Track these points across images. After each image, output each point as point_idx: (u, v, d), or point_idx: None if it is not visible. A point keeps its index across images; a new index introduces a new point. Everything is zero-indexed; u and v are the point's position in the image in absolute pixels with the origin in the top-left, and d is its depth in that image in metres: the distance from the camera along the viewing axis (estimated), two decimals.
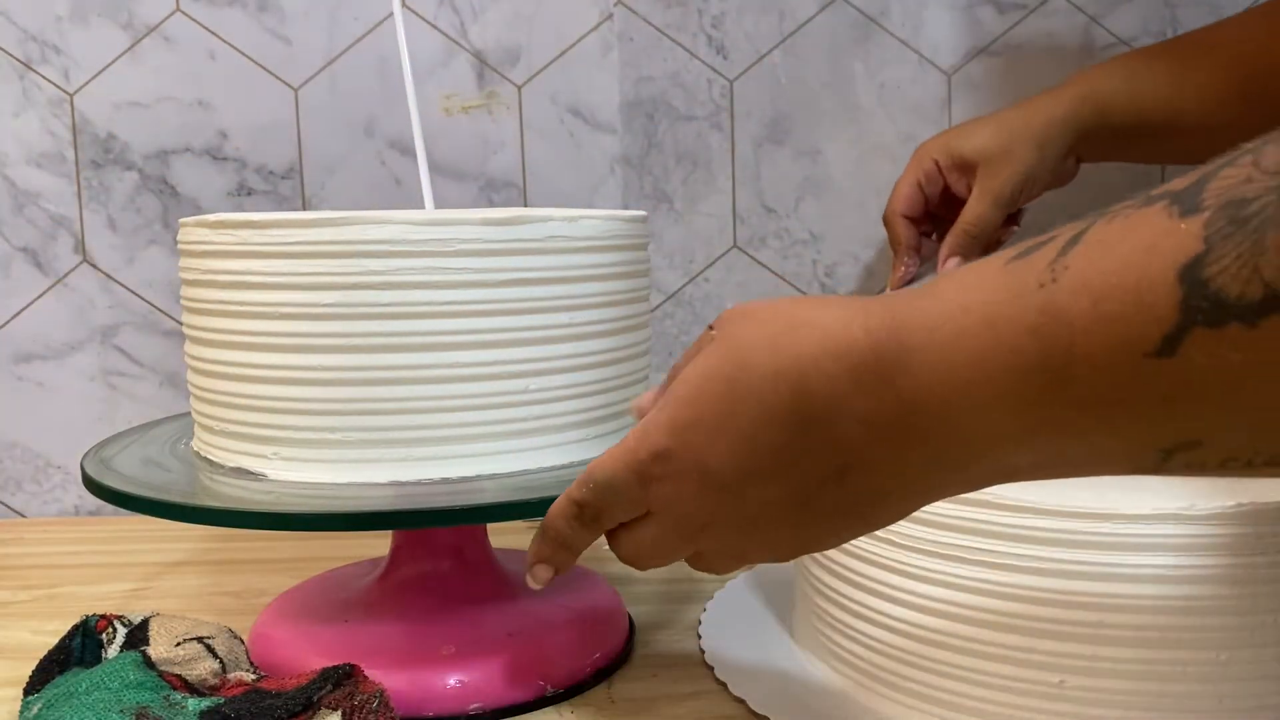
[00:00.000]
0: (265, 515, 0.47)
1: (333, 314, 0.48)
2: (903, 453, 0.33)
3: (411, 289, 0.47)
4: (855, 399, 0.33)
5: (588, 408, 0.52)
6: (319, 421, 0.49)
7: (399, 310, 0.48)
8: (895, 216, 0.68)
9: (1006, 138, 0.65)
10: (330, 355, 0.48)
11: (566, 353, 0.51)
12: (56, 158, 0.84)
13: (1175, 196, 0.27)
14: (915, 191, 0.67)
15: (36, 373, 0.86)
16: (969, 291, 0.31)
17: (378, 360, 0.48)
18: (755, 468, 0.35)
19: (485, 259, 0.48)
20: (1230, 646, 0.42)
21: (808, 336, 0.34)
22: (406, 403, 0.48)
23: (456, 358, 0.48)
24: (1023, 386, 0.29)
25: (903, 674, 0.47)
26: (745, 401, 0.35)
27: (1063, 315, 0.28)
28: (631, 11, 0.86)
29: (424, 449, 0.49)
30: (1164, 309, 0.26)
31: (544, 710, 0.51)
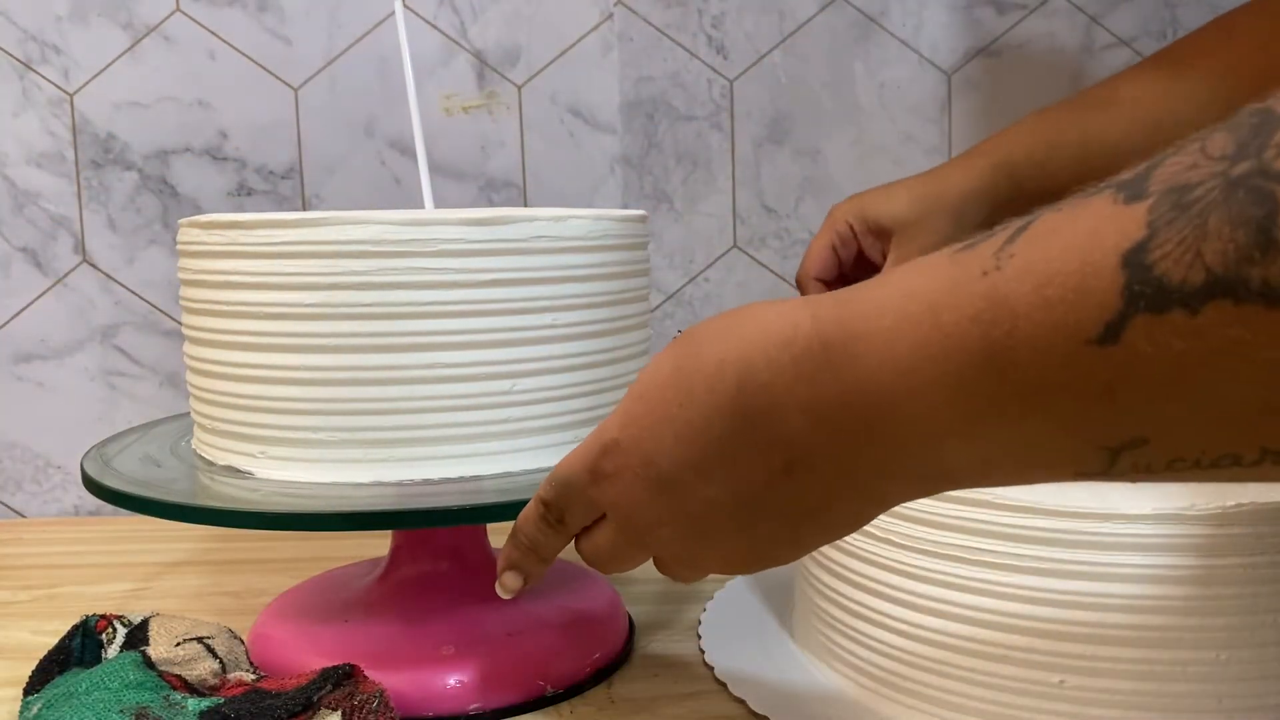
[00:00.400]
0: (264, 515, 0.47)
1: (317, 314, 0.48)
2: (846, 446, 0.33)
3: (394, 289, 0.47)
4: (798, 386, 0.33)
5: (579, 409, 0.52)
6: (305, 421, 0.49)
7: (382, 310, 0.48)
8: (807, 279, 0.67)
9: (922, 207, 0.64)
10: (316, 355, 0.48)
11: (553, 353, 0.51)
12: (56, 158, 0.84)
13: (1121, 184, 0.27)
14: (829, 254, 0.66)
15: (36, 373, 0.86)
16: (915, 279, 0.31)
17: (363, 360, 0.48)
18: (700, 461, 0.35)
19: (467, 259, 0.48)
20: (1230, 646, 0.42)
21: (755, 325, 0.34)
22: (392, 403, 0.48)
23: (441, 358, 0.48)
24: (964, 371, 0.29)
25: (903, 674, 0.47)
26: (692, 392, 0.35)
27: (1005, 301, 0.28)
28: (631, 11, 0.86)
29: (410, 449, 0.49)
30: (1106, 295, 0.26)
31: (544, 710, 0.51)
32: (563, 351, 0.51)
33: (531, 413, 0.51)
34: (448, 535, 0.56)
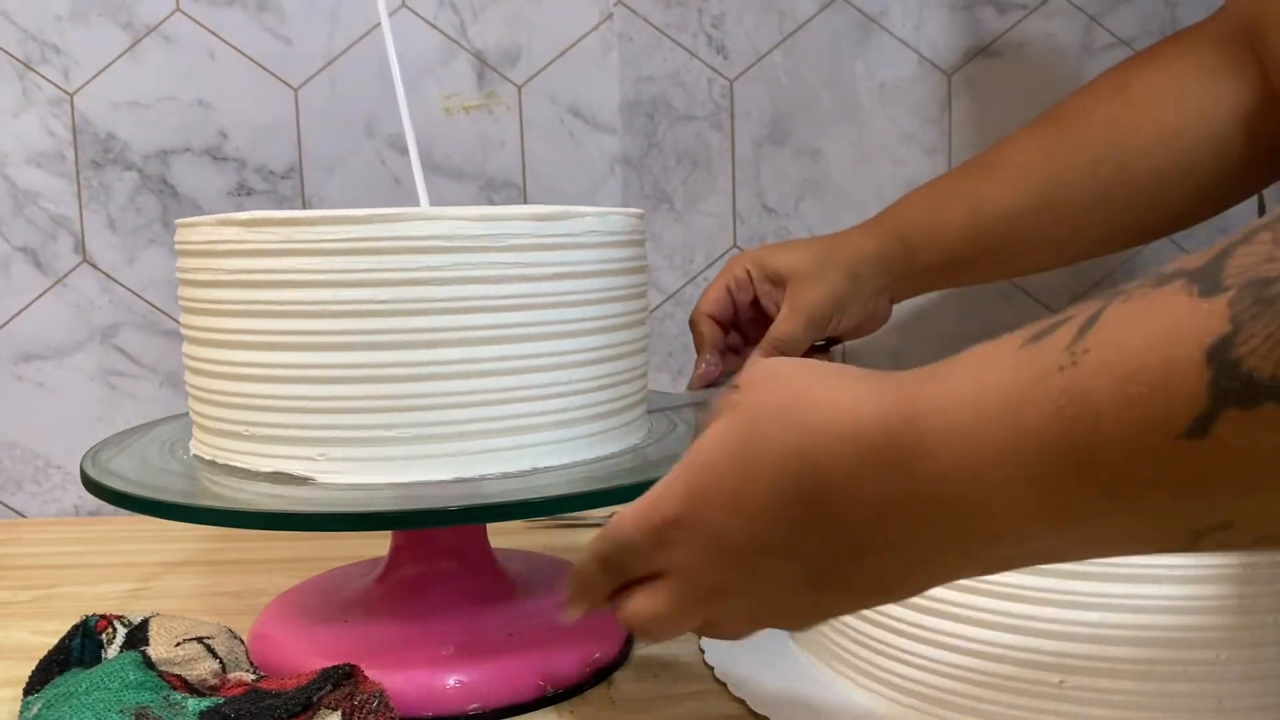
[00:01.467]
0: (265, 515, 0.47)
1: (339, 312, 0.48)
2: (920, 536, 0.33)
3: (451, 285, 0.48)
4: (866, 484, 0.32)
5: (595, 402, 0.53)
6: (367, 420, 0.48)
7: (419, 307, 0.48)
8: (701, 316, 0.67)
9: (818, 260, 0.65)
10: (356, 353, 0.48)
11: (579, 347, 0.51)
12: (56, 158, 0.84)
13: (1192, 275, 0.27)
14: (725, 295, 0.67)
15: (36, 373, 0.86)
16: (984, 373, 0.31)
17: (406, 357, 0.48)
18: (768, 543, 0.35)
19: (529, 254, 0.49)
20: (1230, 646, 0.42)
21: (819, 412, 0.34)
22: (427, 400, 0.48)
23: (466, 354, 0.48)
24: (1047, 471, 0.29)
25: (903, 674, 0.47)
26: (758, 477, 0.35)
27: (1087, 398, 0.28)
28: (631, 11, 0.86)
29: (429, 446, 0.49)
30: (1193, 390, 0.26)
31: (544, 710, 0.51)
32: (586, 345, 0.51)
33: (549, 407, 0.51)
34: (448, 535, 0.56)
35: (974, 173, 0.68)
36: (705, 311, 0.67)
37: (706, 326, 0.66)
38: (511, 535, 0.77)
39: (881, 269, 0.66)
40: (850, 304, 0.65)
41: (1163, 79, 0.64)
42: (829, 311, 0.65)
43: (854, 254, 0.66)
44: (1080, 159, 0.65)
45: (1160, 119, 0.63)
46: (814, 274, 0.65)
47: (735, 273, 0.67)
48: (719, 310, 0.67)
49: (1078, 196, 0.65)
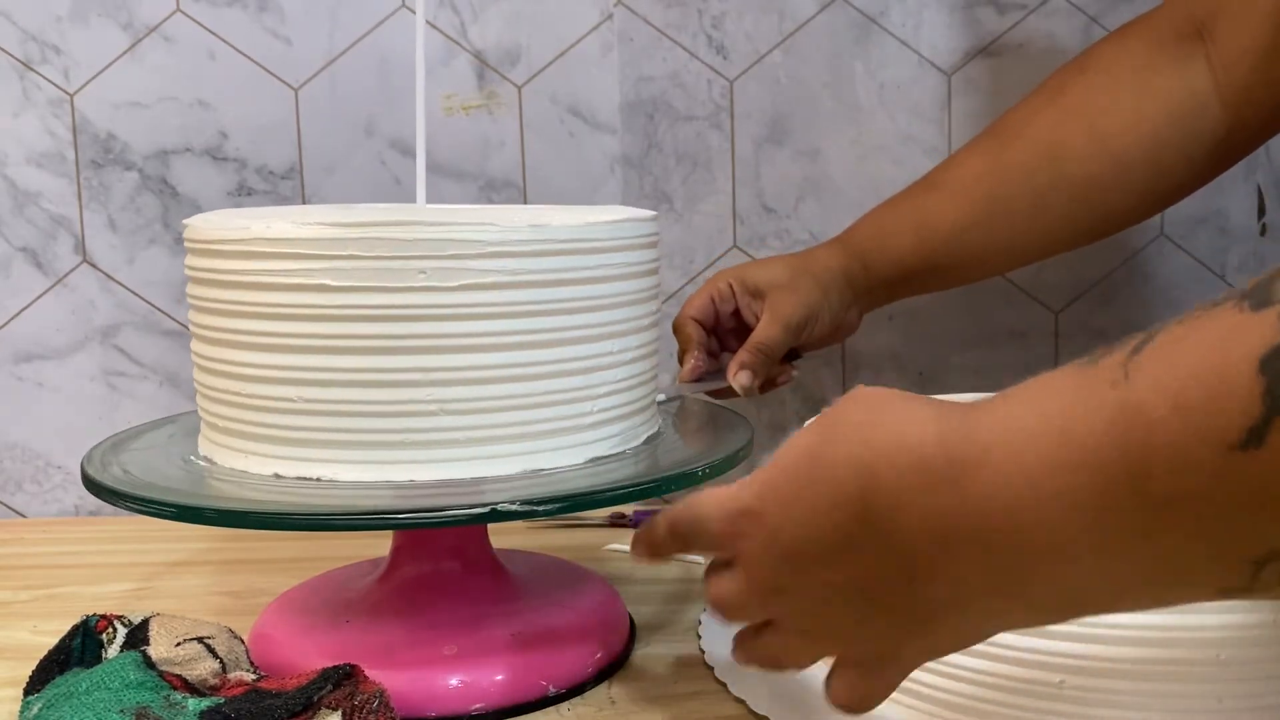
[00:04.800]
0: (265, 515, 0.47)
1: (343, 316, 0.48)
2: (969, 562, 0.32)
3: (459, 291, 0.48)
4: (919, 496, 0.33)
5: (617, 405, 0.53)
6: (376, 424, 0.49)
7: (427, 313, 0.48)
8: (685, 319, 0.72)
9: (793, 275, 0.69)
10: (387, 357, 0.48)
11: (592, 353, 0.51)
12: (56, 158, 0.84)
13: (1244, 294, 0.27)
14: (709, 304, 0.71)
15: (36, 373, 0.86)
16: (1041, 394, 0.31)
17: (419, 362, 0.48)
18: (819, 547, 0.35)
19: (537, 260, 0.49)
20: (1229, 646, 0.42)
21: (886, 427, 0.34)
22: (432, 404, 0.48)
23: (475, 360, 0.48)
24: (1098, 483, 0.29)
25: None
26: (820, 482, 0.35)
27: (1139, 410, 0.28)
28: (631, 11, 0.86)
29: (437, 450, 0.49)
30: (1246, 400, 0.26)
31: (544, 710, 0.51)
32: (596, 351, 0.52)
33: (562, 412, 0.51)
34: (449, 535, 0.56)
35: (920, 192, 0.72)
36: (690, 315, 0.72)
37: (692, 328, 0.71)
38: (512, 535, 0.77)
39: (846, 283, 0.71)
40: (822, 313, 0.70)
41: (1098, 82, 0.66)
42: (804, 319, 0.69)
43: (822, 270, 0.70)
44: (1018, 171, 0.68)
45: (1094, 125, 0.65)
46: (790, 286, 0.69)
47: (719, 285, 0.72)
48: (702, 316, 0.71)
49: (1018, 207, 0.68)
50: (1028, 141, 0.68)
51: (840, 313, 0.71)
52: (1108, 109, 0.65)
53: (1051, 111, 0.67)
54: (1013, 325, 0.89)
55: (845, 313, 0.72)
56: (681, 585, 0.67)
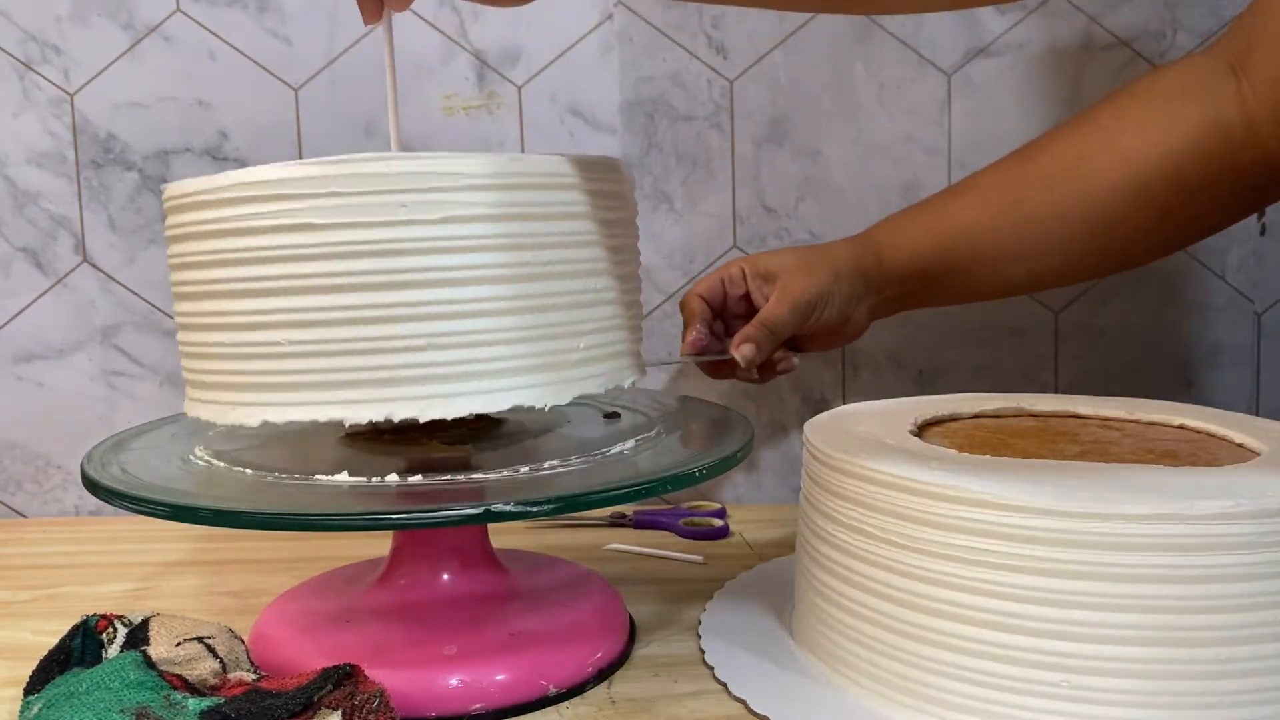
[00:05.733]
0: (265, 515, 0.47)
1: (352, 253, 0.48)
2: None
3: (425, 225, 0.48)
4: None
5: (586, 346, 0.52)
6: (360, 361, 0.48)
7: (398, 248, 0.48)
8: (693, 295, 0.73)
9: (806, 260, 0.71)
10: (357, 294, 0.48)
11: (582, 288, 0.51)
12: (57, 158, 0.84)
13: None
14: (718, 284, 0.73)
15: (36, 373, 0.86)
16: None
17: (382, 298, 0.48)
18: None
19: (489, 194, 0.49)
20: (1230, 644, 0.42)
21: None
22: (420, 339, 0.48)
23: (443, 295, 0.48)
24: None
25: (903, 674, 0.47)
26: None
27: None
28: (631, 11, 0.86)
29: (422, 386, 0.48)
30: None
31: (544, 710, 0.51)
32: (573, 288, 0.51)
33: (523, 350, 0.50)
34: (448, 535, 0.56)
35: (943, 196, 0.73)
36: (697, 293, 0.73)
37: (697, 304, 0.73)
38: (512, 535, 0.77)
39: (858, 275, 0.71)
40: (832, 300, 0.70)
41: (1127, 106, 0.67)
42: (814, 302, 0.70)
43: (836, 259, 0.71)
44: (1039, 179, 0.69)
45: (1118, 142, 0.66)
46: (802, 269, 0.70)
47: (730, 270, 0.73)
48: (709, 294, 0.73)
49: (1034, 212, 0.68)
50: (1051, 155, 0.68)
51: (850, 304, 0.71)
52: (1132, 129, 0.65)
53: (1080, 131, 0.68)
54: (1013, 325, 0.89)
55: (855, 306, 0.72)
56: (681, 585, 0.67)
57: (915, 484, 0.46)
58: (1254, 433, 0.53)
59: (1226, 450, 0.51)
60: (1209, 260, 0.90)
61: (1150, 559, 0.41)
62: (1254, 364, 0.91)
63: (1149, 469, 0.47)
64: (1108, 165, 0.66)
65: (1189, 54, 0.69)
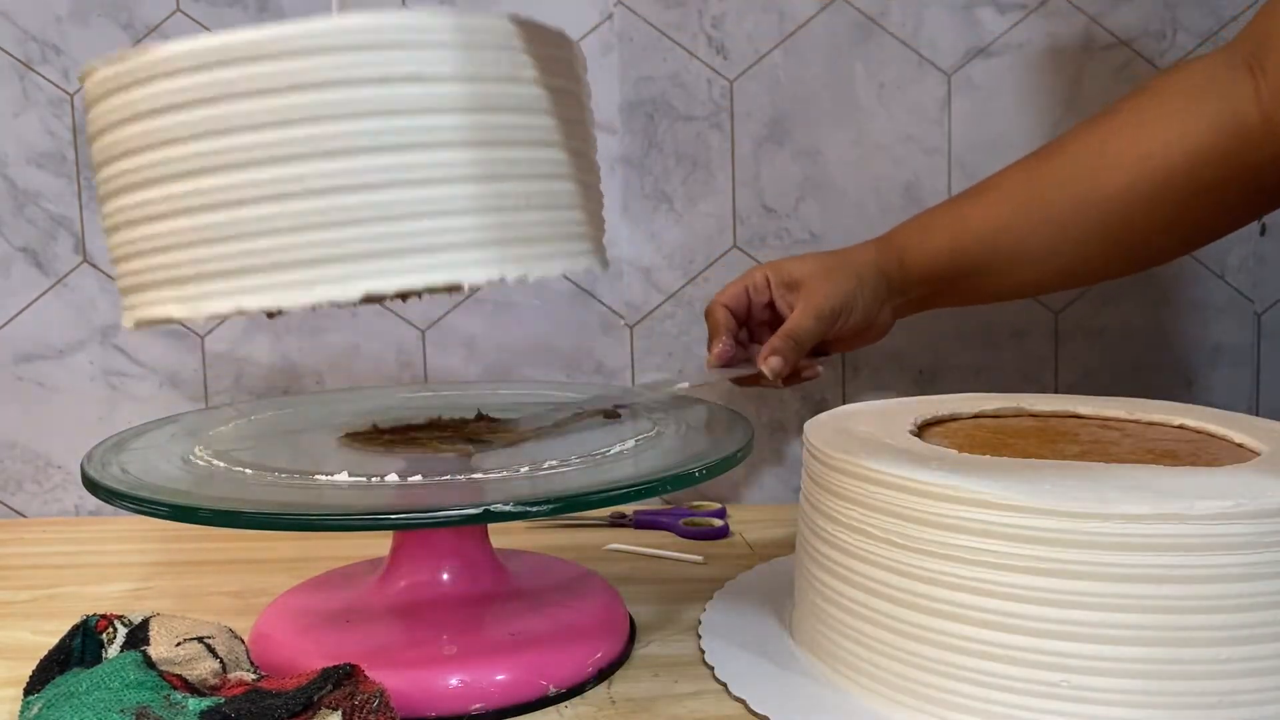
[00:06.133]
0: (265, 515, 0.47)
1: (285, 121, 0.43)
2: None
3: (356, 86, 0.43)
4: None
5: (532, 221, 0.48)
6: (289, 240, 0.44)
7: (329, 113, 0.43)
8: (717, 305, 0.73)
9: (829, 266, 0.71)
10: (289, 166, 0.43)
11: (487, 158, 0.46)
12: (57, 158, 0.84)
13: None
14: (742, 293, 0.73)
15: (36, 373, 0.86)
16: None
17: (323, 168, 0.43)
18: None
19: (440, 51, 0.44)
20: (1230, 644, 0.42)
21: None
22: (348, 212, 0.44)
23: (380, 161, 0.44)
24: None
25: (903, 674, 0.47)
26: None
27: None
28: (631, 11, 0.86)
29: (348, 266, 0.44)
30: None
31: (544, 710, 0.51)
32: (492, 157, 0.46)
33: (466, 223, 0.45)
34: (448, 535, 0.56)
35: (963, 198, 0.73)
36: (721, 303, 0.73)
37: (722, 314, 0.73)
38: (512, 535, 0.77)
39: (881, 278, 0.72)
40: (856, 305, 0.71)
41: (1147, 104, 0.67)
42: (838, 308, 0.70)
43: (858, 263, 0.72)
44: (1059, 176, 0.68)
45: (1137, 140, 0.66)
46: (825, 277, 0.71)
47: (754, 277, 0.73)
48: (734, 304, 0.73)
49: (1054, 212, 0.68)
50: (1070, 155, 0.68)
51: (874, 307, 0.72)
52: (1152, 128, 0.65)
53: (1099, 128, 0.68)
54: (1013, 325, 0.89)
55: (879, 309, 0.72)
56: (681, 585, 0.67)
57: (915, 484, 0.46)
58: (1254, 433, 0.53)
59: (1226, 450, 0.51)
60: (1209, 260, 0.90)
61: (1150, 559, 0.41)
62: (1254, 364, 0.91)
63: (1149, 469, 0.47)
64: (1128, 163, 0.66)
65: (1205, 53, 0.68)
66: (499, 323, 0.88)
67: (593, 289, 0.87)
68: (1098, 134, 0.68)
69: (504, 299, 0.87)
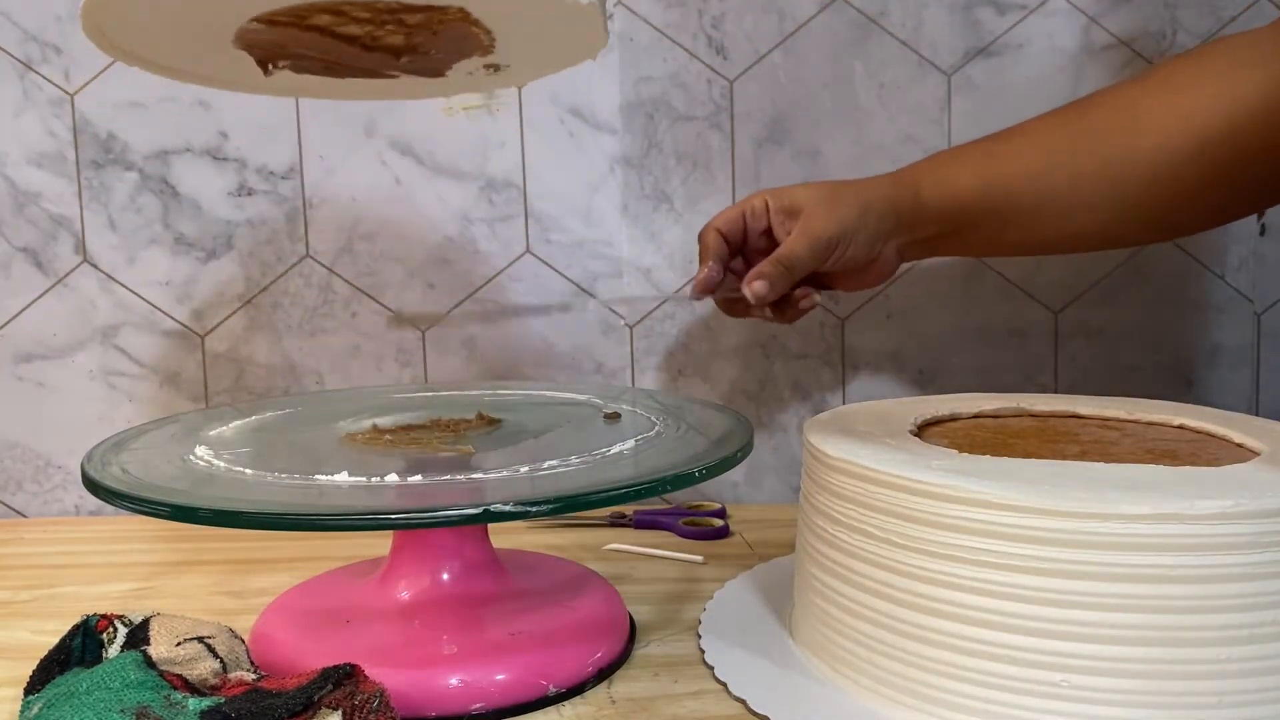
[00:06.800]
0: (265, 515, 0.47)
1: None
2: None
3: None
4: None
5: None
6: None
7: None
8: (710, 230, 0.70)
9: (833, 194, 0.68)
10: None
11: None
12: (57, 158, 0.84)
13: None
14: (738, 217, 0.70)
15: (36, 373, 0.86)
16: None
17: None
18: None
19: None
20: (1230, 644, 0.42)
21: None
22: None
23: None
24: None
25: (903, 674, 0.47)
26: None
27: None
28: (631, 11, 0.86)
29: None
30: None
31: (544, 710, 0.51)
32: None
33: None
34: (448, 535, 0.56)
35: (995, 138, 0.70)
36: (715, 226, 0.70)
37: (713, 239, 0.69)
38: (512, 535, 0.77)
39: (890, 209, 0.68)
40: (857, 235, 0.67)
41: (1188, 65, 0.65)
42: (835, 237, 0.67)
43: (868, 193, 0.68)
44: (1093, 132, 0.66)
45: (1178, 101, 0.63)
46: (826, 204, 0.67)
47: (753, 203, 0.70)
48: (729, 228, 0.70)
49: (1086, 166, 0.65)
50: (1107, 109, 0.66)
51: (877, 241, 0.68)
52: (1193, 89, 0.63)
53: (1136, 87, 0.66)
54: (1012, 325, 0.89)
55: (884, 243, 0.69)
56: (681, 585, 0.67)
57: (915, 484, 0.46)
58: (1254, 433, 0.53)
59: (1226, 450, 0.51)
60: (1209, 260, 0.90)
61: (1150, 559, 0.41)
62: (1254, 364, 0.91)
63: (1149, 469, 0.47)
64: (1167, 123, 0.63)
65: (1247, 30, 0.66)
66: (499, 323, 0.88)
67: (593, 289, 0.87)
68: (1136, 92, 0.65)
69: (504, 299, 0.87)
